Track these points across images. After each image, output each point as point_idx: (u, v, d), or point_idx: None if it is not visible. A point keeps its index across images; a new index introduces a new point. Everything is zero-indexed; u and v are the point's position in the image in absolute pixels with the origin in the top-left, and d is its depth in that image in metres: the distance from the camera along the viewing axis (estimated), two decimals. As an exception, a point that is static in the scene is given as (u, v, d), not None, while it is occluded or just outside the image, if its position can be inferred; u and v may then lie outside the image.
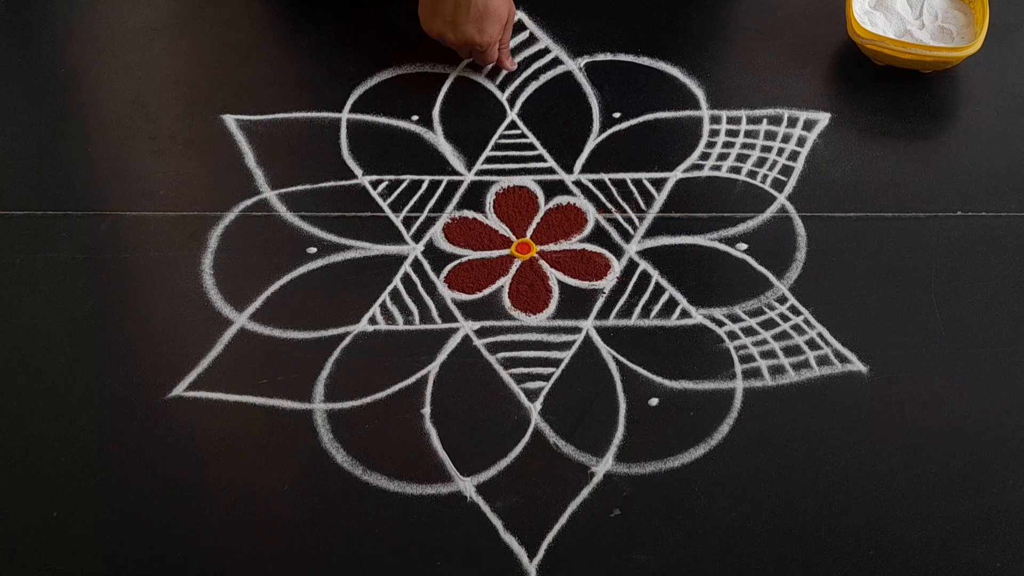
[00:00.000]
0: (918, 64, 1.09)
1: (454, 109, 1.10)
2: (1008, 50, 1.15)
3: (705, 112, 1.09)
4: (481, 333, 0.94)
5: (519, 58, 1.14)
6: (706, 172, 1.05)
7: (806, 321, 0.94)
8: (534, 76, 1.13)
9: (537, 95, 1.11)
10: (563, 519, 0.84)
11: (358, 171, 1.05)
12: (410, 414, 0.89)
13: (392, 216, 1.02)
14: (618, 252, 0.99)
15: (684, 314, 0.95)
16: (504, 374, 0.92)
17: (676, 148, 1.07)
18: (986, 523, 0.83)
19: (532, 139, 1.08)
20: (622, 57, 1.14)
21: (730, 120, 1.09)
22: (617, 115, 1.09)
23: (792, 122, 1.08)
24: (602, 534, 0.83)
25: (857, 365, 0.92)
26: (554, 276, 0.98)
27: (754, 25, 1.18)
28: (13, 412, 0.90)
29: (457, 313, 0.95)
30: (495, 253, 1.00)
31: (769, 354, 0.92)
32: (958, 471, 0.86)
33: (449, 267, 0.99)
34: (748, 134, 1.07)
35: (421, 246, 1.00)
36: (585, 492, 0.85)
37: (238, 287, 0.97)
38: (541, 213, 1.02)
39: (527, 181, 1.05)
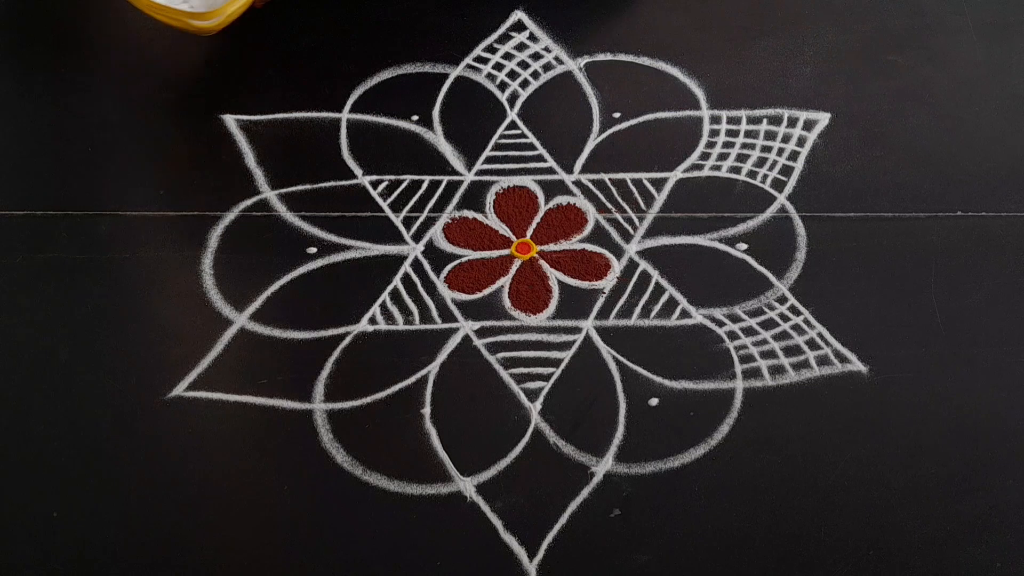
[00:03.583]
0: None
1: (454, 109, 1.10)
2: (1008, 50, 1.15)
3: (705, 112, 1.09)
4: (481, 333, 0.94)
5: (519, 58, 1.14)
6: (706, 172, 1.05)
7: (806, 321, 0.94)
8: (534, 76, 1.13)
9: (537, 95, 1.11)
10: (563, 519, 0.84)
11: (358, 171, 1.05)
12: (410, 414, 0.89)
13: (392, 216, 1.02)
14: (618, 252, 0.99)
15: (684, 314, 0.95)
16: (504, 374, 0.92)
17: (676, 148, 1.07)
18: (986, 523, 0.83)
19: (532, 139, 1.08)
20: (622, 57, 1.14)
21: (730, 120, 1.09)
22: (617, 115, 1.09)
23: (792, 122, 1.08)
24: (602, 534, 0.83)
25: (857, 365, 0.92)
26: (554, 276, 0.98)
27: (754, 25, 1.18)
28: (13, 412, 0.90)
29: (457, 313, 0.95)
30: (495, 253, 1.00)
31: (769, 354, 0.92)
32: (958, 471, 0.86)
33: (449, 267, 0.99)
34: (748, 134, 1.07)
35: (421, 246, 1.00)
36: (585, 492, 0.85)
37: (238, 287, 0.97)
38: (541, 213, 1.02)
39: (527, 181, 1.04)
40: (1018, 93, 1.11)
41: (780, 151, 1.06)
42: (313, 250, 1.00)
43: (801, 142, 1.07)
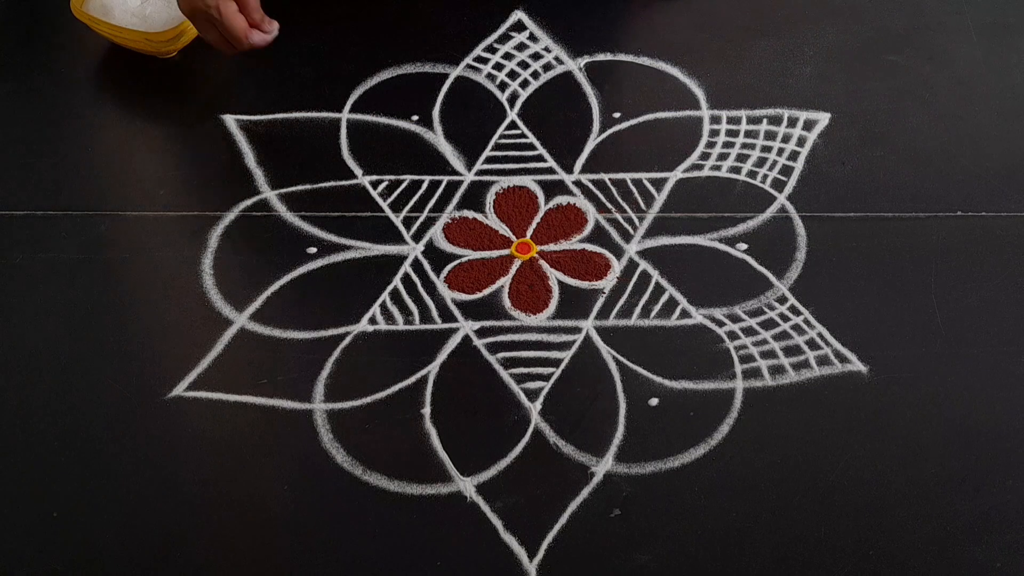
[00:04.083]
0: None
1: (454, 109, 1.10)
2: (1008, 50, 1.15)
3: (705, 112, 1.09)
4: (481, 333, 0.94)
5: (519, 58, 1.14)
6: (706, 172, 1.05)
7: (806, 321, 0.94)
8: (534, 76, 1.13)
9: (537, 95, 1.11)
10: (563, 519, 0.84)
11: (358, 171, 1.05)
12: (410, 414, 0.89)
13: (392, 216, 1.02)
14: (618, 252, 0.99)
15: (684, 314, 0.95)
16: (504, 374, 0.92)
17: (676, 148, 1.07)
18: (986, 523, 0.83)
19: (532, 139, 1.08)
20: (622, 57, 1.14)
21: (730, 120, 1.09)
22: (617, 115, 1.09)
23: (792, 122, 1.08)
24: (602, 534, 0.83)
25: (857, 365, 0.92)
26: (554, 276, 0.98)
27: (754, 25, 1.18)
28: (13, 412, 0.90)
29: (457, 313, 0.95)
30: (495, 253, 1.00)
31: (769, 354, 0.92)
32: (958, 471, 0.86)
33: (449, 267, 0.99)
34: (748, 134, 1.07)
35: (421, 246, 1.00)
36: (585, 492, 0.85)
37: (238, 287, 0.97)
38: (541, 213, 1.02)
39: (527, 181, 1.05)
40: (1018, 93, 1.11)
41: (780, 151, 1.06)
42: (313, 250, 1.00)
43: (801, 142, 1.07)
